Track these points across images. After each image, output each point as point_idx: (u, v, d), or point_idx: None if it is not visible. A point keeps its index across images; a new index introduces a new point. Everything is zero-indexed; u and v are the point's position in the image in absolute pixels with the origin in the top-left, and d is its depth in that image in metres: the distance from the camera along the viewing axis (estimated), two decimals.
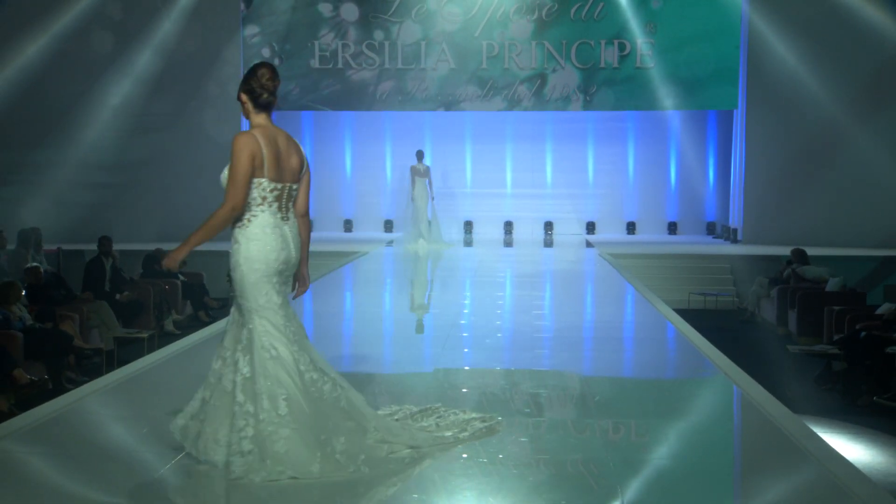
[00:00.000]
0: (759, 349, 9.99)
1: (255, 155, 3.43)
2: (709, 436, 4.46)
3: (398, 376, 5.74)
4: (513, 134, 17.79)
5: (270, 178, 3.44)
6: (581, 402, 5.10)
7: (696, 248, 14.80)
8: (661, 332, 7.60)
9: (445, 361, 6.19)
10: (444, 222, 17.87)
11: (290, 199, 3.54)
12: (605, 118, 17.38)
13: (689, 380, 5.94)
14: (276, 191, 3.47)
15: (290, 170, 3.53)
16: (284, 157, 3.51)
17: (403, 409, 4.23)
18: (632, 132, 17.65)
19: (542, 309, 9.01)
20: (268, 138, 3.48)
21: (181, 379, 5.50)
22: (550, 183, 17.89)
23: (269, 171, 3.43)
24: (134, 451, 4.09)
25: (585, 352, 6.81)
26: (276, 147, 3.48)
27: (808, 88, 15.03)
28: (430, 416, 4.12)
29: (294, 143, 3.60)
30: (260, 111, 3.55)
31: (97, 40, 15.45)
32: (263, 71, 3.55)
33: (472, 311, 8.72)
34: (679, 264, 13.72)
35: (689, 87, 15.84)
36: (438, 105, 16.26)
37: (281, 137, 3.55)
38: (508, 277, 11.91)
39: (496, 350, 6.67)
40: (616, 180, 17.71)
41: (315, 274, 11.05)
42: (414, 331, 7.64)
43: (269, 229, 3.50)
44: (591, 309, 9.31)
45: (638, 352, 6.87)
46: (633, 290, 9.91)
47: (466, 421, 4.12)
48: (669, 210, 17.73)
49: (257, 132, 3.51)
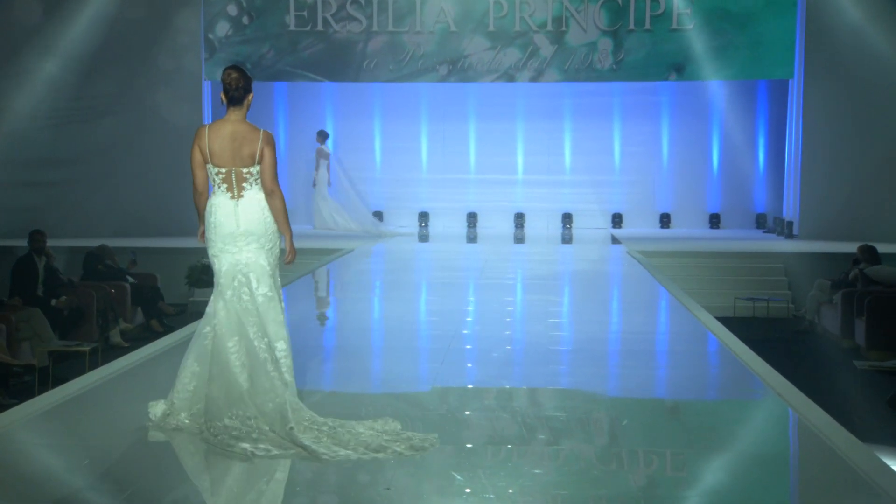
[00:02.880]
0: (820, 365, 9.97)
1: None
2: (759, 470, 4.45)
3: (389, 397, 5.74)
4: (525, 109, 17.78)
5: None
6: (606, 427, 5.09)
7: (743, 245, 14.78)
8: (702, 344, 7.59)
9: (445, 379, 6.19)
10: (444, 214, 17.89)
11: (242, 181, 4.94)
12: (634, 90, 17.36)
13: (735, 402, 5.93)
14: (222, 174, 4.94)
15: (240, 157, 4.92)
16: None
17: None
18: (666, 107, 17.64)
19: (559, 317, 9.00)
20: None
21: (130, 400, 5.49)
22: (569, 167, 17.88)
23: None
24: (73, 488, 4.07)
25: (611, 368, 6.81)
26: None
27: (879, 55, 14.99)
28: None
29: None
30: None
31: (22, 11, 15.25)
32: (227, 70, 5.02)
33: (477, 319, 8.72)
34: (723, 264, 13.71)
35: (736, 53, 15.80)
36: (436, 75, 16.23)
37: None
38: (519, 280, 11.89)
39: (505, 365, 6.67)
40: (647, 164, 17.70)
41: (290, 276, 11.04)
42: (407, 342, 7.64)
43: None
44: (617, 317, 9.31)
45: (673, 368, 6.86)
46: (667, 295, 9.92)
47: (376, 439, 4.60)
48: (711, 200, 17.72)
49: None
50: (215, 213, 4.92)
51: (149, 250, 13.71)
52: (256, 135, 4.90)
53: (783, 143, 16.62)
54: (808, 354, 10.76)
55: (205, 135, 4.92)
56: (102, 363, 7.04)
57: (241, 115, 4.97)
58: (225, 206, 4.91)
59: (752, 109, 17.55)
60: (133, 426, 5.00)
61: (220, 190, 4.93)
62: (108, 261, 12.02)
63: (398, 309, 9.43)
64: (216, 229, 4.90)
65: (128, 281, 11.77)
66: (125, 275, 11.94)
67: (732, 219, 17.63)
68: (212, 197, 4.98)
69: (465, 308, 9.37)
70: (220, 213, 4.90)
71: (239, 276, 4.84)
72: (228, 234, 4.88)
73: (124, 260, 12.41)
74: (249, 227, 4.89)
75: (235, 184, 4.91)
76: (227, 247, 4.89)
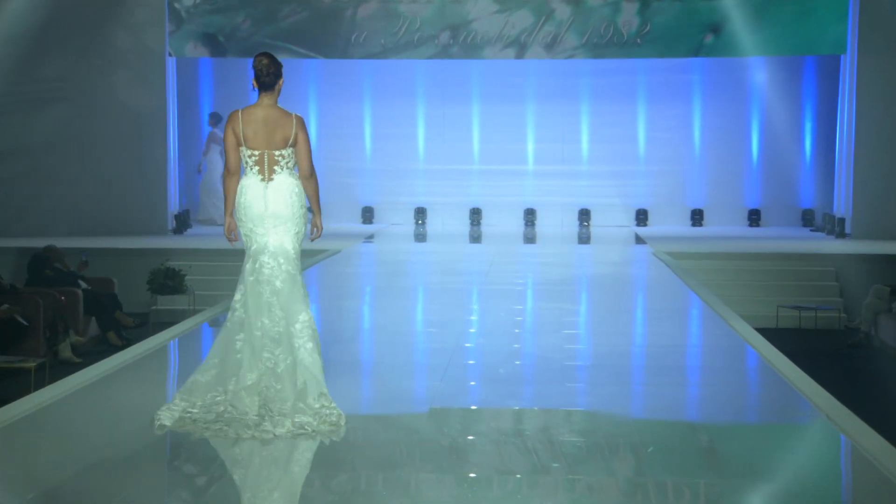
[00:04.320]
0: (877, 384, 9.96)
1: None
2: (807, 502, 4.42)
3: (379, 420, 5.74)
4: (536, 90, 17.79)
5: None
6: (630, 454, 5.09)
7: (787, 246, 14.78)
8: (739, 359, 7.58)
9: (445, 398, 6.19)
10: (444, 210, 17.89)
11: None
12: (662, 68, 17.37)
13: (779, 426, 5.92)
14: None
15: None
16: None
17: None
18: (699, 87, 17.65)
19: (575, 328, 9.01)
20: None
21: (83, 424, 5.48)
22: (587, 156, 17.89)
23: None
24: None
25: (635, 386, 6.81)
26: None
27: None
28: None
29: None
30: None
31: None
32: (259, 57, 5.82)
33: (482, 330, 8.72)
34: (764, 267, 13.71)
35: (779, 25, 15.79)
36: (435, 48, 16.22)
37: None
38: (530, 285, 11.89)
39: (513, 383, 6.67)
40: (677, 153, 17.71)
41: None
42: (401, 357, 7.64)
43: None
44: (642, 328, 9.31)
45: (707, 387, 6.86)
46: (699, 303, 9.92)
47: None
48: (750, 193, 17.72)
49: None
50: (245, 193, 5.68)
51: (105, 252, 13.71)
52: (289, 119, 5.68)
53: (833, 129, 16.61)
54: (862, 371, 10.75)
55: (238, 118, 5.66)
56: (50, 381, 7.03)
57: (273, 100, 5.74)
58: (255, 187, 5.67)
59: (798, 89, 17.56)
60: (87, 451, 4.99)
61: (252, 172, 5.68)
62: (58, 264, 12.02)
63: (391, 319, 9.43)
64: (245, 210, 5.69)
65: (80, 287, 11.75)
66: (77, 279, 11.91)
67: (775, 215, 17.63)
68: (243, 178, 5.72)
69: (468, 317, 9.37)
70: (249, 193, 5.67)
71: (262, 258, 5.62)
72: (257, 214, 5.65)
73: (75, 262, 12.39)
74: (277, 210, 5.66)
75: (267, 166, 5.68)
76: (257, 228, 5.66)
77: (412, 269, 13.62)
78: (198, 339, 8.24)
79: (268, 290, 5.58)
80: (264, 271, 5.61)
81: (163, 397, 6.02)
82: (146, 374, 6.83)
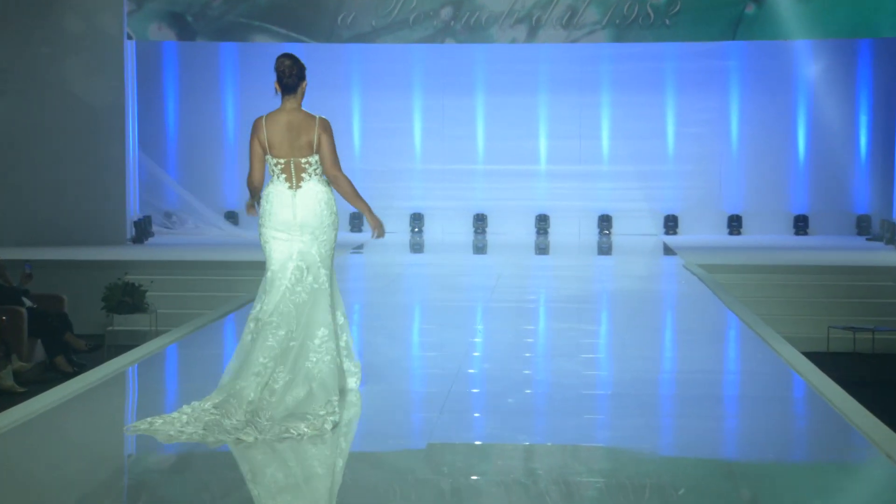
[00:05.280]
0: None
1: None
2: None
3: (371, 457, 5.74)
4: (548, 79, 17.84)
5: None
6: (657, 497, 5.08)
7: (839, 257, 14.78)
8: (784, 387, 7.58)
9: (445, 432, 6.18)
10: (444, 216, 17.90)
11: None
12: (693, 53, 17.42)
13: (830, 465, 5.91)
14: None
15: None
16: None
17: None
18: (737, 76, 17.70)
19: (594, 351, 9.01)
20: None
21: (26, 463, 5.47)
22: (607, 155, 17.93)
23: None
24: None
25: (663, 419, 6.80)
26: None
27: None
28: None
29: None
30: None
31: None
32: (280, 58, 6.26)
33: (487, 354, 8.72)
34: (812, 281, 13.72)
35: (828, 5, 15.81)
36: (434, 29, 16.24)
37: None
38: (542, 302, 11.91)
39: (523, 415, 6.66)
40: (712, 150, 17.75)
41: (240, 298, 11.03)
42: (395, 385, 7.63)
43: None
44: (671, 352, 9.31)
45: (746, 420, 6.84)
46: (737, 323, 9.91)
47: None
48: (796, 198, 17.75)
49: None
50: (272, 201, 6.16)
51: (54, 264, 13.72)
52: (312, 122, 6.14)
53: (893, 123, 16.63)
54: None
55: (263, 125, 6.15)
56: None
57: (297, 104, 6.21)
58: (282, 195, 6.15)
59: (852, 78, 17.59)
60: (30, 496, 4.97)
61: (279, 180, 6.16)
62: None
63: (383, 341, 9.41)
64: (270, 217, 6.16)
65: (24, 304, 11.74)
66: (20, 296, 11.89)
67: (825, 222, 17.64)
68: (269, 185, 6.21)
69: (471, 340, 9.37)
70: (276, 202, 6.14)
71: (288, 265, 6.12)
72: (282, 221, 6.14)
73: (17, 274, 12.38)
74: (306, 219, 6.16)
75: (294, 174, 6.17)
76: (279, 234, 6.14)
77: (407, 284, 13.62)
78: (160, 365, 8.23)
79: (290, 301, 6.08)
80: (291, 279, 6.12)
81: (120, 432, 6.01)
82: (100, 406, 6.81)
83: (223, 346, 9.22)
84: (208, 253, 15.15)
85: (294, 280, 6.13)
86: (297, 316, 6.08)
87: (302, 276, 6.13)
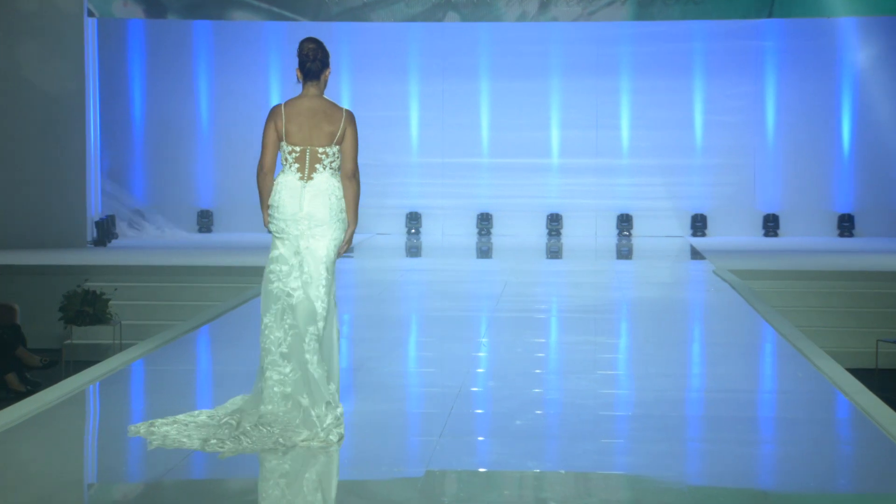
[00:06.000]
0: None
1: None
2: None
3: (364, 486, 5.72)
4: (561, 61, 17.85)
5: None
6: None
7: (888, 261, 14.74)
8: (827, 409, 7.56)
9: (445, 458, 6.16)
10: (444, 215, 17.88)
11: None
12: (724, 33, 17.42)
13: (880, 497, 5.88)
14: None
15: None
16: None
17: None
18: (773, 58, 17.68)
19: (613, 367, 9.01)
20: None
21: None
22: (627, 148, 17.93)
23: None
24: None
25: (690, 443, 6.79)
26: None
27: None
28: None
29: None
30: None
31: None
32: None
33: (492, 371, 8.71)
34: (859, 289, 13.70)
35: None
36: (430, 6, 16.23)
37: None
38: (554, 312, 11.90)
39: (533, 438, 6.65)
40: (744, 142, 17.74)
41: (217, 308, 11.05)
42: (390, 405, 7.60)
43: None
44: (699, 368, 9.30)
45: (784, 444, 6.82)
46: (773, 335, 9.91)
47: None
48: (840, 195, 17.75)
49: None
50: (280, 191, 6.48)
51: (6, 270, 13.70)
52: (339, 113, 6.47)
53: None
54: None
55: (281, 113, 6.45)
56: None
57: (320, 91, 6.51)
58: (291, 186, 6.46)
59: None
60: None
61: (291, 169, 6.48)
62: None
63: (376, 356, 9.40)
64: (279, 209, 6.48)
65: None
66: None
67: (872, 223, 17.63)
68: (280, 175, 6.52)
69: (475, 354, 9.34)
70: (284, 192, 6.46)
71: (291, 261, 6.43)
72: (291, 214, 6.45)
73: None
74: (312, 211, 6.45)
75: (308, 164, 6.49)
76: (290, 228, 6.45)
77: (403, 291, 13.62)
78: (125, 383, 8.21)
79: (285, 299, 6.42)
80: (291, 276, 6.43)
81: (79, 458, 5.97)
82: (57, 430, 6.78)
83: (195, 361, 9.20)
84: (179, 257, 15.15)
85: (294, 279, 6.44)
86: (293, 314, 6.40)
87: (307, 273, 6.43)
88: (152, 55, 18.08)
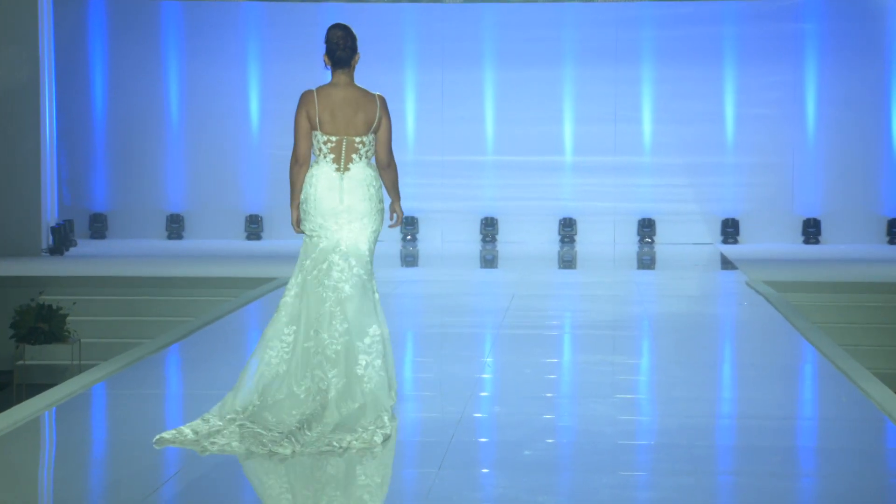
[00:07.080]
0: None
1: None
2: None
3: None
4: (575, 48, 17.89)
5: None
6: None
7: None
8: (875, 437, 7.57)
9: (445, 492, 6.18)
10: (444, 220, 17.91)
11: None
12: (759, 15, 17.46)
13: None
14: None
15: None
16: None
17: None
18: (814, 42, 17.72)
19: (634, 391, 9.04)
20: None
21: None
22: (649, 145, 17.97)
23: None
24: None
25: (721, 476, 6.81)
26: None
27: None
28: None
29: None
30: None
31: None
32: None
33: (498, 394, 8.75)
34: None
35: None
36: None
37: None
38: (567, 329, 11.92)
39: (544, 471, 6.66)
40: (782, 138, 17.77)
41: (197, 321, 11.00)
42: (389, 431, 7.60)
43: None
44: (731, 392, 9.32)
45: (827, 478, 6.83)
46: (814, 355, 9.92)
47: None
48: (889, 197, 17.80)
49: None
50: (316, 184, 6.94)
51: None
52: (373, 100, 7.04)
53: None
54: None
55: (314, 100, 6.97)
56: None
57: (350, 78, 7.08)
58: (328, 177, 6.96)
59: None
60: None
61: (326, 160, 6.99)
62: None
63: None
64: (315, 203, 6.93)
65: None
66: None
67: None
68: (314, 166, 7.01)
69: (479, 376, 9.37)
70: (321, 185, 6.94)
71: (331, 257, 6.92)
72: (329, 209, 6.93)
73: None
74: (352, 204, 6.97)
75: (344, 154, 7.01)
76: (328, 223, 6.93)
77: (398, 305, 13.63)
78: (86, 409, 8.21)
79: (333, 297, 6.90)
80: (333, 273, 6.91)
81: (34, 493, 5.98)
82: (7, 462, 6.79)
83: (164, 384, 9.20)
84: (146, 267, 15.16)
85: (339, 273, 6.92)
86: (342, 314, 6.88)
87: (349, 268, 6.93)
88: (115, 39, 18.09)
